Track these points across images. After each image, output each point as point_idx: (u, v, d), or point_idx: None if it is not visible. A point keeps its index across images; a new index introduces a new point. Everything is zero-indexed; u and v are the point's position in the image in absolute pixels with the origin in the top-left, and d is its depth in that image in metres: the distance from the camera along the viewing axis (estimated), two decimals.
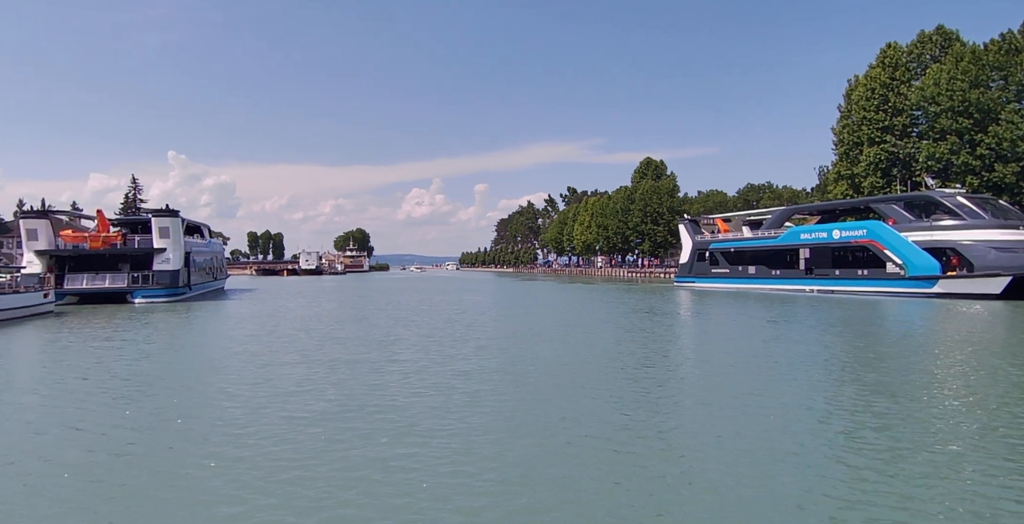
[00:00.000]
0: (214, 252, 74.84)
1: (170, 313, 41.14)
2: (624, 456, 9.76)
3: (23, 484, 8.90)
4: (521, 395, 14.24)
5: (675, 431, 11.21)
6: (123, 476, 9.17)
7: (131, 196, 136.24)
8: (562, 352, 21.22)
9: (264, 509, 7.92)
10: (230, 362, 19.94)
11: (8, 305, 37.53)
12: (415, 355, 20.57)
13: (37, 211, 57.35)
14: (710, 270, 68.86)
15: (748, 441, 10.38)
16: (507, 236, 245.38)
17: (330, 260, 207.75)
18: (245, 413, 12.77)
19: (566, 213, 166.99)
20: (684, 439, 10.69)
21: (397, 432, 11.22)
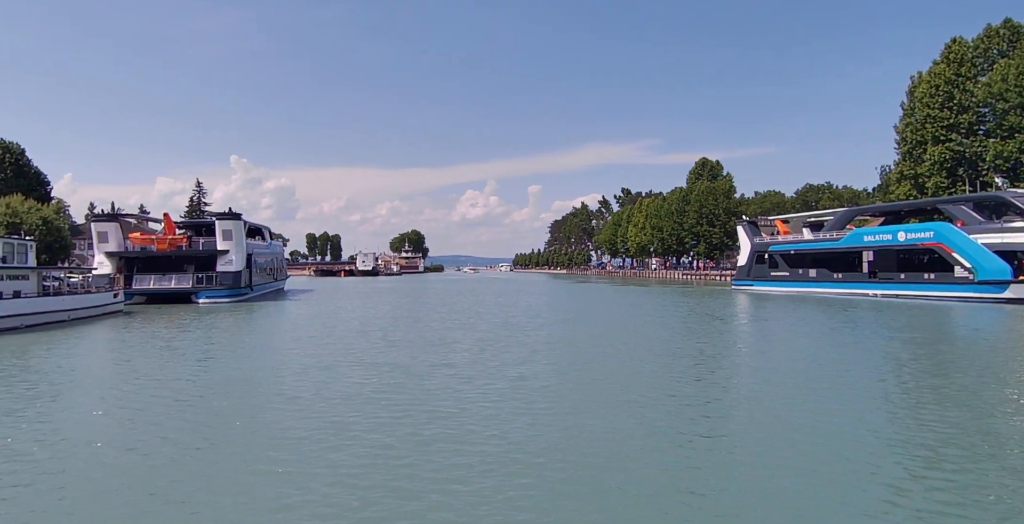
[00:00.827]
0: (274, 253, 76.45)
1: (232, 313, 42.16)
2: (687, 470, 9.61)
3: (80, 489, 9.15)
4: (578, 402, 14.12)
5: (738, 443, 10.98)
6: (182, 481, 9.37)
7: (196, 199, 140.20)
8: (619, 358, 20.91)
9: (323, 517, 8.05)
10: (289, 364, 20.33)
11: (82, 304, 39.01)
12: (471, 359, 20.66)
13: (107, 214, 59.46)
14: (769, 273, 67.42)
15: (817, 456, 10.08)
16: (560, 237, 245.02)
17: (386, 261, 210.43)
18: (304, 417, 12.96)
19: (620, 214, 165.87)
20: (748, 452, 10.45)
21: (454, 439, 11.25)
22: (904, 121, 70.88)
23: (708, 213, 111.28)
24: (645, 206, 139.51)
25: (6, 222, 58.23)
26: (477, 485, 8.90)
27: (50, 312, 35.49)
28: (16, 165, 75.34)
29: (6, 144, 75.53)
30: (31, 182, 75.84)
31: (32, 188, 74.21)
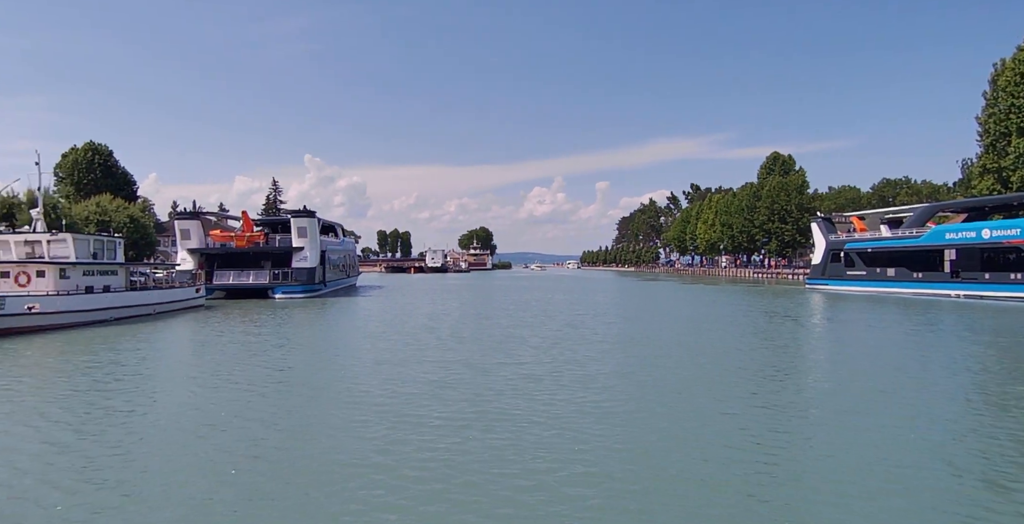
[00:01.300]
0: (347, 250, 78.16)
1: (306, 309, 43.40)
2: (762, 478, 9.51)
3: (157, 486, 9.62)
4: (648, 404, 14.08)
5: (813, 450, 10.81)
6: (254, 477, 9.77)
7: (272, 197, 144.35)
8: (689, 359, 20.43)
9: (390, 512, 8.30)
10: (361, 360, 20.88)
11: (166, 299, 40.81)
12: (539, 357, 20.73)
13: (189, 212, 61.91)
14: (845, 272, 65.43)
15: (900, 469, 9.86)
16: (628, 234, 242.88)
17: (455, 258, 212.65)
18: (374, 414, 13.26)
19: (689, 211, 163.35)
20: (824, 460, 10.31)
21: (520, 438, 11.39)
22: (987, 111, 67.57)
23: (780, 209, 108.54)
24: (715, 202, 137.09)
25: (96, 220, 61.21)
26: (544, 489, 8.96)
27: (137, 306, 37.23)
28: (105, 166, 79.04)
29: (95, 146, 79.30)
30: (119, 182, 79.43)
31: (120, 188, 77.74)
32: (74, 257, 33.94)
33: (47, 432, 11.96)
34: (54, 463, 10.10)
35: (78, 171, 76.90)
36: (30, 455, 10.57)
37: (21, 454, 10.63)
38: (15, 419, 13.09)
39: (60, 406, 14.13)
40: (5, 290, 31.14)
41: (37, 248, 33.80)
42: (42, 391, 16.28)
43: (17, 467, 9.90)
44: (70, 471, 9.71)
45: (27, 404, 14.60)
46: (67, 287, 32.72)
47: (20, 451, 10.80)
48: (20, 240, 34.10)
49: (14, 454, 10.65)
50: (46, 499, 8.58)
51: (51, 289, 31.94)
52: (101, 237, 38.01)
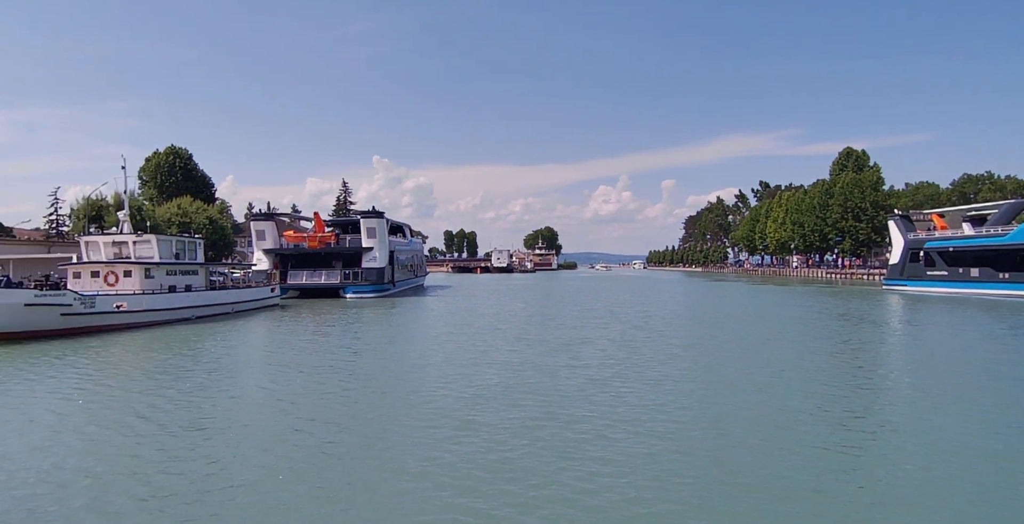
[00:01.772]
0: (415, 250, 79.25)
1: (376, 308, 44.23)
2: (842, 489, 9.32)
3: (231, 483, 9.96)
4: (720, 410, 13.75)
5: (894, 463, 10.51)
6: (325, 475, 10.05)
7: (342, 198, 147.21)
8: (762, 364, 19.84)
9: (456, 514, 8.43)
10: (428, 360, 21.10)
11: (244, 298, 42.20)
12: (606, 360, 20.63)
13: (264, 214, 63.79)
14: (925, 272, 63.00)
15: (982, 481, 9.54)
16: (695, 234, 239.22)
17: (520, 258, 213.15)
18: (440, 415, 13.41)
19: (758, 209, 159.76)
20: (907, 473, 9.99)
21: (593, 443, 11.37)
22: None
23: (854, 207, 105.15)
24: (785, 200, 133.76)
25: (178, 221, 63.62)
26: (614, 490, 8.97)
27: (217, 305, 38.59)
28: (185, 169, 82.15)
29: (176, 150, 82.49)
30: (198, 184, 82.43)
31: (199, 190, 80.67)
32: (158, 257, 35.38)
33: (132, 426, 12.59)
34: (137, 455, 10.65)
35: (160, 174, 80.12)
36: (115, 447, 11.15)
37: (107, 445, 11.23)
38: (103, 413, 13.83)
39: (145, 401, 14.83)
40: (95, 289, 32.66)
41: (124, 249, 35.34)
42: (129, 387, 17.08)
43: (103, 457, 10.48)
44: (151, 463, 10.21)
45: (114, 399, 15.37)
46: (152, 286, 34.12)
47: (106, 442, 11.41)
48: (108, 241, 35.71)
49: (100, 445, 11.27)
50: (128, 490, 9.02)
51: (137, 288, 33.37)
52: (183, 238, 39.52)
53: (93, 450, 11.00)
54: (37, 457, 10.64)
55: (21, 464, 10.28)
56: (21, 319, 26.96)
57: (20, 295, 27.31)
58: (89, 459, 10.52)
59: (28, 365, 20.65)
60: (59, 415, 13.68)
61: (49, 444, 11.40)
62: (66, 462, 10.34)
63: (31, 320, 27.27)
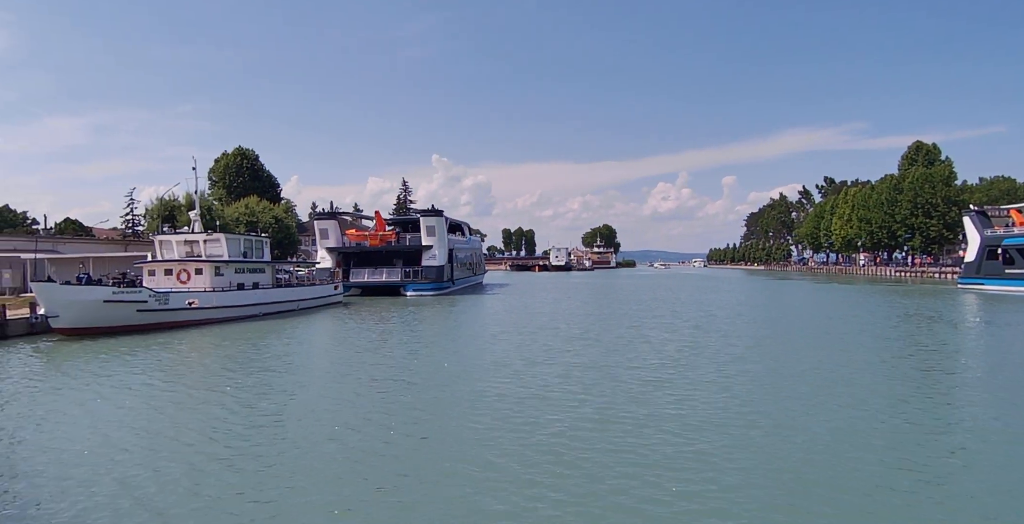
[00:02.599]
0: (473, 248, 79.81)
1: (435, 306, 44.77)
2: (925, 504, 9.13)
3: (295, 477, 10.30)
4: (787, 418, 13.19)
5: (968, 475, 10.21)
6: (379, 473, 10.29)
7: (402, 197, 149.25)
8: (831, 368, 18.84)
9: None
10: (487, 359, 21.22)
11: (309, 295, 43.28)
12: (668, 360, 20.36)
13: (328, 213, 65.11)
14: (1003, 270, 60.30)
15: None
16: (757, 231, 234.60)
17: (578, 256, 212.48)
18: (498, 416, 13.53)
19: (823, 206, 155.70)
20: (987, 486, 9.69)
21: (649, 446, 11.33)
22: None
23: (924, 203, 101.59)
24: (851, 196, 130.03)
25: (245, 221, 65.40)
26: (691, 498, 8.93)
27: (282, 302, 39.65)
28: (252, 170, 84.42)
29: (243, 151, 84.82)
30: (264, 184, 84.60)
31: (265, 190, 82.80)
32: (227, 256, 36.52)
33: (200, 419, 13.21)
34: (204, 447, 11.18)
35: (229, 175, 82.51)
36: (184, 440, 11.71)
37: (175, 438, 11.79)
38: (174, 405, 14.52)
39: (214, 395, 15.50)
40: (168, 286, 33.91)
41: (195, 247, 36.58)
42: (199, 381, 17.83)
43: (171, 449, 11.02)
44: (215, 456, 10.71)
45: (185, 393, 16.09)
46: (221, 284, 35.26)
47: (176, 435, 11.99)
48: (181, 240, 37.02)
49: (168, 437, 11.84)
50: (189, 480, 9.47)
51: (207, 286, 34.53)
52: (250, 237, 40.69)
53: (163, 440, 11.59)
54: (109, 446, 11.28)
55: (94, 451, 10.91)
56: (100, 314, 28.19)
57: (99, 292, 28.57)
58: (159, 447, 11.09)
59: (107, 359, 21.66)
60: (131, 407, 14.44)
61: (121, 433, 12.05)
62: (136, 450, 10.95)
63: (109, 316, 28.49)
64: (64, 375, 18.81)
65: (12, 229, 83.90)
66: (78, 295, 27.84)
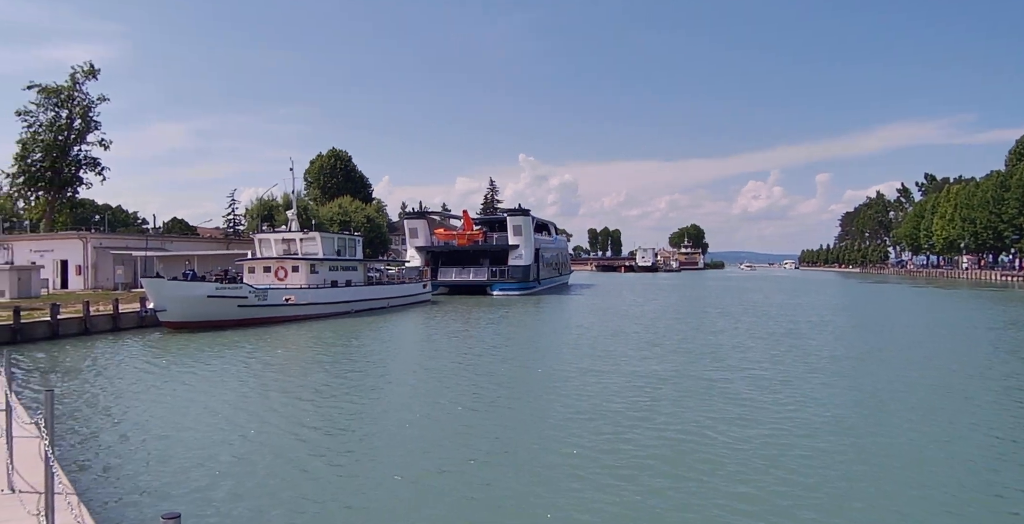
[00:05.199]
0: (560, 248, 79.82)
1: (521, 306, 45.12)
2: None
3: (387, 483, 10.48)
4: (881, 439, 12.10)
5: None
6: (481, 472, 10.42)
7: (489, 197, 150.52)
8: (931, 379, 17.58)
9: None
10: (571, 363, 20.96)
11: (399, 293, 44.42)
12: (755, 371, 19.51)
13: (417, 212, 66.51)
14: None
15: None
16: (852, 231, 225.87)
17: (665, 257, 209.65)
18: (585, 423, 13.34)
19: (923, 205, 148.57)
20: None
21: (756, 458, 10.95)
22: None
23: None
24: (954, 194, 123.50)
25: (339, 220, 67.46)
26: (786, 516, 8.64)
27: (374, 299, 40.81)
28: (345, 170, 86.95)
29: (337, 153, 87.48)
30: (356, 185, 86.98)
31: (358, 190, 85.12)
32: (322, 254, 37.85)
33: (296, 406, 13.76)
34: (297, 430, 11.66)
35: (323, 176, 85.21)
36: (280, 424, 12.23)
37: (272, 422, 12.32)
38: (272, 394, 15.14)
39: (309, 388, 16.08)
40: (266, 283, 35.41)
41: (292, 246, 38.08)
42: (295, 374, 18.62)
43: (264, 433, 11.54)
44: (308, 438, 11.15)
45: (281, 383, 16.80)
46: (316, 281, 36.60)
47: (271, 419, 12.53)
48: (279, 238, 38.61)
49: (265, 422, 12.40)
50: (282, 470, 9.91)
51: (303, 283, 35.89)
52: (344, 236, 42.06)
53: (261, 426, 12.13)
54: (211, 429, 11.96)
55: (197, 433, 11.59)
56: (204, 309, 29.72)
57: (204, 288, 30.15)
58: (255, 432, 11.63)
59: (211, 351, 22.84)
60: (233, 395, 15.23)
61: (222, 418, 12.73)
62: (233, 434, 11.53)
63: (212, 310, 30.00)
64: (172, 365, 19.92)
65: (125, 228, 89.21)
66: (184, 290, 29.44)
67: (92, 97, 56.31)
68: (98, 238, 49.18)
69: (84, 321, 27.51)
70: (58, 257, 47.41)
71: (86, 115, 56.06)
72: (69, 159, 56.14)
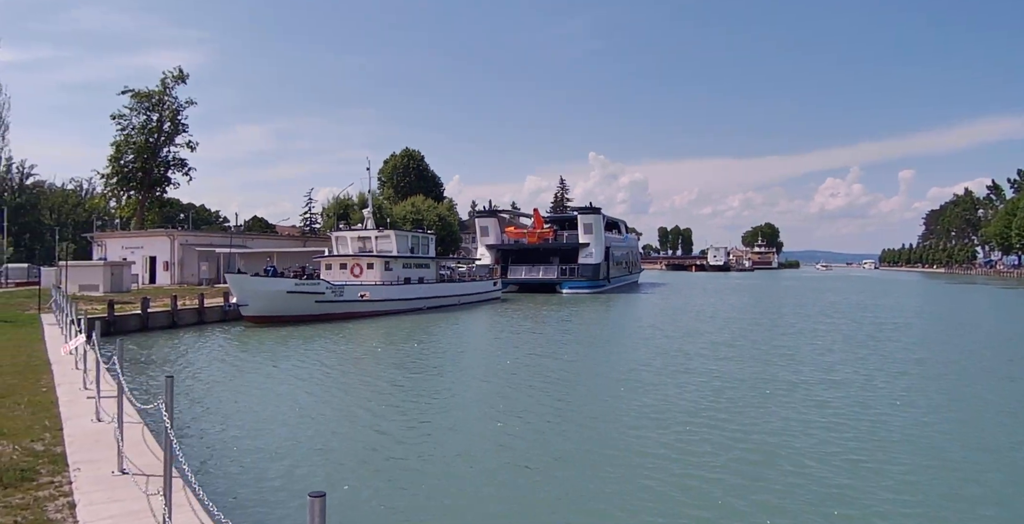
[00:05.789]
0: (630, 247, 79.29)
1: (591, 304, 45.04)
2: None
3: (454, 467, 10.65)
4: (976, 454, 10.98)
5: None
6: (562, 471, 10.50)
7: (559, 195, 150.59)
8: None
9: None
10: (640, 365, 20.54)
11: (470, 291, 44.98)
12: (843, 374, 18.48)
13: (488, 211, 67.15)
14: None
15: None
16: (938, 230, 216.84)
17: (737, 256, 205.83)
18: (654, 430, 13.11)
19: (1016, 202, 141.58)
20: None
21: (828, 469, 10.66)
22: None
23: None
24: None
25: (412, 218, 68.61)
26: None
27: (446, 297, 41.44)
28: (418, 170, 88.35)
29: (410, 152, 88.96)
30: (428, 184, 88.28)
31: (429, 189, 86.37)
32: (396, 251, 38.64)
33: (371, 397, 14.14)
34: (372, 420, 12.00)
35: (396, 175, 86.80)
36: (356, 415, 12.65)
37: (350, 413, 12.71)
38: (348, 386, 15.65)
39: (383, 383, 16.52)
40: (342, 279, 36.33)
41: (367, 243, 38.99)
42: (373, 366, 19.12)
43: (343, 422, 11.94)
44: (382, 427, 11.45)
45: (357, 376, 17.33)
46: (390, 278, 37.38)
47: (356, 414, 12.91)
48: (355, 236, 39.59)
49: (351, 416, 12.79)
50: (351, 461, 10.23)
51: (378, 279, 36.70)
52: (417, 233, 42.83)
53: (339, 416, 12.62)
54: (291, 416, 12.47)
55: (278, 420, 12.09)
56: (284, 304, 30.72)
57: (284, 283, 31.18)
58: (334, 421, 12.14)
59: (292, 344, 23.65)
60: (312, 386, 15.82)
61: (302, 407, 13.25)
62: (312, 422, 12.01)
63: (292, 305, 30.98)
64: (258, 357, 20.79)
65: (207, 226, 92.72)
66: (266, 286, 30.49)
67: (181, 101, 58.75)
68: (184, 236, 51.41)
69: (172, 314, 28.81)
70: (147, 253, 49.73)
71: (175, 118, 58.49)
72: (159, 160, 58.69)
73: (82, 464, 7.01)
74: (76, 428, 8.57)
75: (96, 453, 7.43)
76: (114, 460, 6.91)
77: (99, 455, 7.34)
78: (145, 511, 5.69)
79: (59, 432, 8.37)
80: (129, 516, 5.61)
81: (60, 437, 8.14)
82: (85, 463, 7.05)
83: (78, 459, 7.20)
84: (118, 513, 5.68)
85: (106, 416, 8.94)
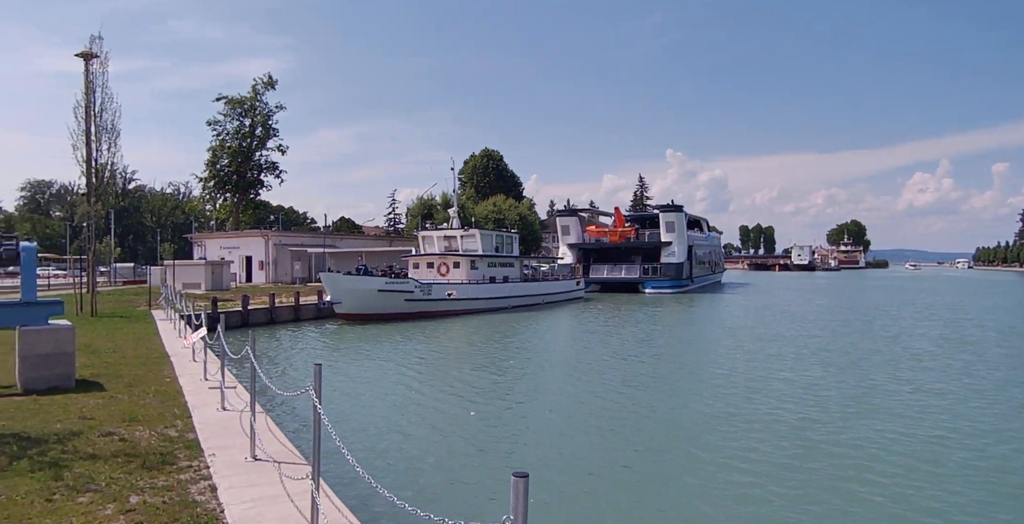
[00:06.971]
0: (713, 246, 77.90)
1: (674, 305, 44.43)
2: None
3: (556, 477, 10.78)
4: None
5: None
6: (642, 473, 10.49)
7: (638, 194, 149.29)
8: None
9: None
10: (725, 369, 19.52)
11: (554, 290, 45.09)
12: (940, 382, 17.46)
13: (568, 210, 67.13)
14: None
15: None
16: None
17: (823, 255, 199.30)
18: (743, 434, 12.80)
19: None
20: None
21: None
22: None
23: None
24: None
25: (493, 218, 69.19)
26: None
27: (530, 295, 41.65)
28: (497, 169, 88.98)
29: (489, 153, 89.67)
30: (508, 183, 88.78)
31: (509, 189, 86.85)
32: (481, 250, 39.06)
33: (472, 397, 14.46)
34: (464, 415, 12.34)
35: (476, 175, 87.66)
36: (447, 409, 12.97)
37: (438, 412, 13.04)
38: (448, 384, 15.96)
39: (473, 380, 16.83)
40: (430, 278, 36.98)
41: (453, 243, 39.56)
42: (463, 362, 19.47)
43: (434, 415, 12.25)
44: (471, 422, 11.73)
45: (448, 372, 17.72)
46: (476, 277, 37.84)
47: (440, 405, 13.26)
48: (441, 235, 40.23)
49: (434, 407, 13.22)
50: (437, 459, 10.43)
51: (464, 278, 37.21)
52: (501, 233, 43.20)
53: (431, 409, 12.99)
54: (386, 409, 12.95)
55: (372, 414, 12.63)
56: (375, 302, 31.49)
57: (375, 282, 31.96)
58: (425, 414, 12.45)
59: (385, 341, 24.26)
60: (407, 380, 16.33)
61: (395, 401, 13.70)
62: (403, 416, 12.39)
63: (382, 303, 31.73)
64: (355, 352, 21.55)
65: (297, 227, 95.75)
66: (358, 284, 31.34)
67: (271, 106, 60.94)
68: (277, 236, 53.30)
69: (270, 311, 29.96)
70: (243, 253, 51.81)
71: (266, 123, 60.77)
72: (252, 163, 61.00)
73: (216, 450, 7.39)
74: (204, 416, 9.03)
75: (227, 440, 7.83)
76: (246, 447, 7.27)
77: (230, 442, 7.73)
78: (282, 496, 5.98)
79: (189, 419, 8.83)
80: (267, 500, 5.90)
81: (191, 424, 8.59)
82: (218, 449, 7.43)
83: (211, 445, 7.59)
84: (257, 497, 5.97)
85: (229, 405, 9.42)
